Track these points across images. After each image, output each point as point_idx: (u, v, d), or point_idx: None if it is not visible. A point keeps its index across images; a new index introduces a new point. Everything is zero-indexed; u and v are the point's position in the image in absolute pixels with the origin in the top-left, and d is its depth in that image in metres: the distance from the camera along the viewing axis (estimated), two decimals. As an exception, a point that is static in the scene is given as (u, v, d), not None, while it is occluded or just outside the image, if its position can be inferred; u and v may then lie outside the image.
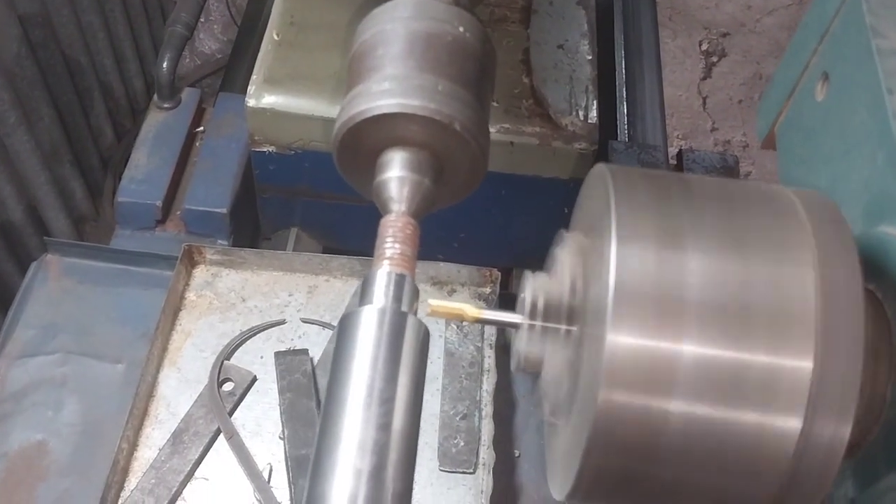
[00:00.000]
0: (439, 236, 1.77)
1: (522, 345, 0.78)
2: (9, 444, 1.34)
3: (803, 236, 0.70)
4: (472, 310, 0.79)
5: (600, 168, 0.77)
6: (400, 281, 0.79)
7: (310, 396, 1.36)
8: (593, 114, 1.64)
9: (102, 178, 2.61)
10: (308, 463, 1.28)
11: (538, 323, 0.78)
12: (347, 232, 1.84)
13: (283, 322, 1.46)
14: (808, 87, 1.00)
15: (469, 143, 0.87)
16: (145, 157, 1.69)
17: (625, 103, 2.01)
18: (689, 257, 0.68)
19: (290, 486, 1.28)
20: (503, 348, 1.44)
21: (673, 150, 2.00)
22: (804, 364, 0.66)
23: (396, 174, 0.87)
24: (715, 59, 3.48)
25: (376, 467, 0.68)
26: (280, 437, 1.33)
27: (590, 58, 1.71)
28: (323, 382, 1.38)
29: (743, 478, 0.68)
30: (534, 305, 0.79)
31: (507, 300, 1.49)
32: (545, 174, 1.66)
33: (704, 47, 3.50)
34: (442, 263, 1.49)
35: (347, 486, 0.68)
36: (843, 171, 0.90)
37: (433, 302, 0.79)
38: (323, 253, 1.84)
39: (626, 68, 2.07)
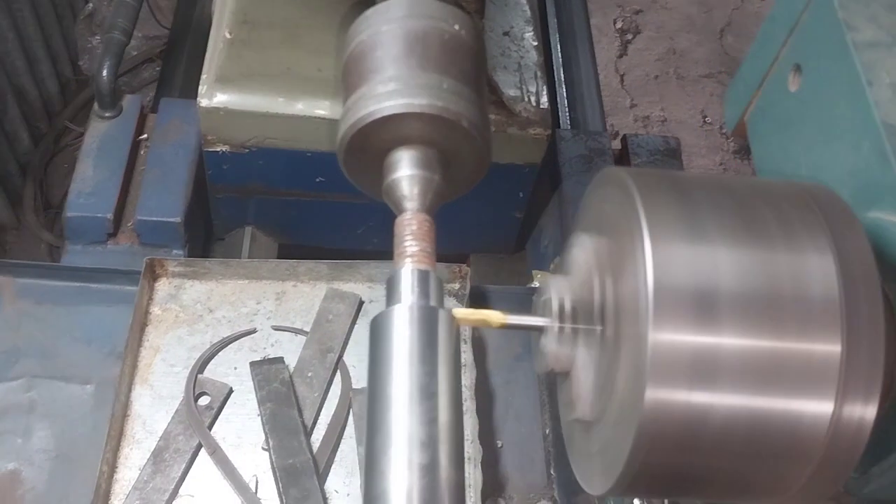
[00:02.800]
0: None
1: (552, 347, 0.80)
2: (-22, 477, 1.29)
3: (817, 225, 0.74)
4: (497, 316, 0.81)
5: (615, 171, 0.79)
6: (424, 277, 0.81)
7: (291, 405, 1.35)
8: (544, 99, 1.66)
9: (21, 184, 2.51)
10: (297, 472, 1.28)
11: (567, 325, 0.80)
12: (302, 227, 1.83)
13: (253, 331, 1.44)
14: (780, 78, 1.04)
15: (475, 138, 0.90)
16: (91, 168, 1.63)
17: (563, 87, 2.05)
18: (717, 252, 0.71)
19: (280, 497, 1.27)
20: (477, 342, 1.46)
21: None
22: (833, 348, 0.69)
23: (407, 173, 0.89)
24: (630, 36, 3.56)
25: (431, 461, 0.70)
26: (263, 448, 1.32)
27: (535, 44, 1.74)
28: (301, 390, 1.37)
29: (778, 462, 0.71)
30: (561, 308, 0.80)
31: (477, 295, 1.50)
32: (501, 161, 1.68)
33: (619, 25, 3.57)
34: (412, 262, 1.49)
35: (404, 481, 0.70)
36: (825, 159, 0.94)
37: (458, 312, 0.81)
38: (278, 250, 1.84)
39: (562, 52, 2.11)
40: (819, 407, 0.69)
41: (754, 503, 0.83)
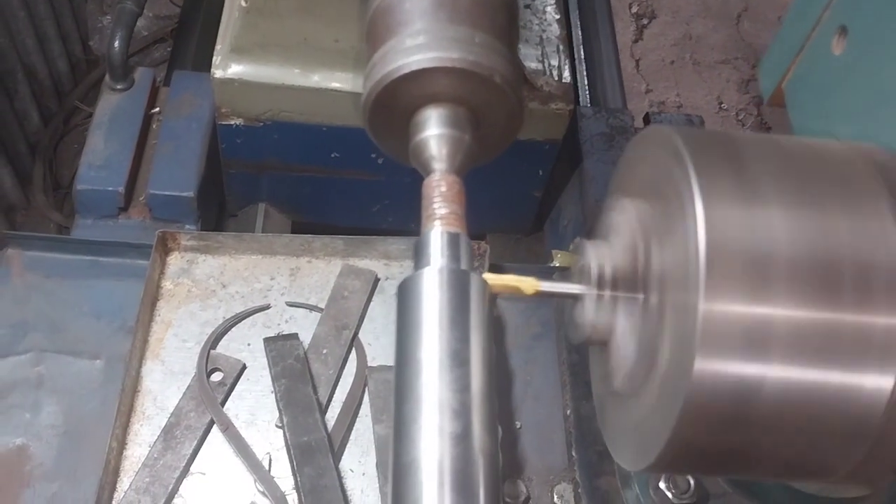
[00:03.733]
0: (418, 202, 1.75)
1: (590, 316, 0.76)
2: (-14, 452, 1.25)
3: (874, 186, 0.69)
4: (531, 283, 0.76)
5: (659, 130, 0.74)
6: (454, 240, 0.77)
7: (305, 382, 1.31)
8: (566, 73, 1.62)
9: (31, 164, 2.48)
10: (311, 450, 1.25)
11: (607, 293, 0.76)
12: (317, 205, 1.79)
13: (267, 307, 1.40)
14: (822, 42, 1.00)
15: (508, 95, 0.85)
16: (102, 141, 1.59)
17: (584, 65, 2.01)
18: (772, 215, 0.66)
19: (294, 475, 1.24)
20: (496, 320, 1.42)
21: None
22: (895, 320, 0.65)
23: (436, 132, 0.84)
24: (645, 21, 3.51)
25: (463, 430, 0.67)
26: (277, 426, 1.29)
27: (558, 17, 1.69)
28: (316, 367, 1.34)
29: (832, 439, 0.67)
30: (601, 275, 0.76)
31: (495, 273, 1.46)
32: (521, 136, 1.63)
33: (635, 10, 3.52)
34: (429, 237, 1.45)
35: (436, 450, 0.66)
36: (871, 125, 0.90)
37: (488, 277, 0.77)
38: (292, 227, 1.80)
39: (581, 29, 2.06)
40: (879, 381, 0.65)
41: (802, 483, 0.80)
